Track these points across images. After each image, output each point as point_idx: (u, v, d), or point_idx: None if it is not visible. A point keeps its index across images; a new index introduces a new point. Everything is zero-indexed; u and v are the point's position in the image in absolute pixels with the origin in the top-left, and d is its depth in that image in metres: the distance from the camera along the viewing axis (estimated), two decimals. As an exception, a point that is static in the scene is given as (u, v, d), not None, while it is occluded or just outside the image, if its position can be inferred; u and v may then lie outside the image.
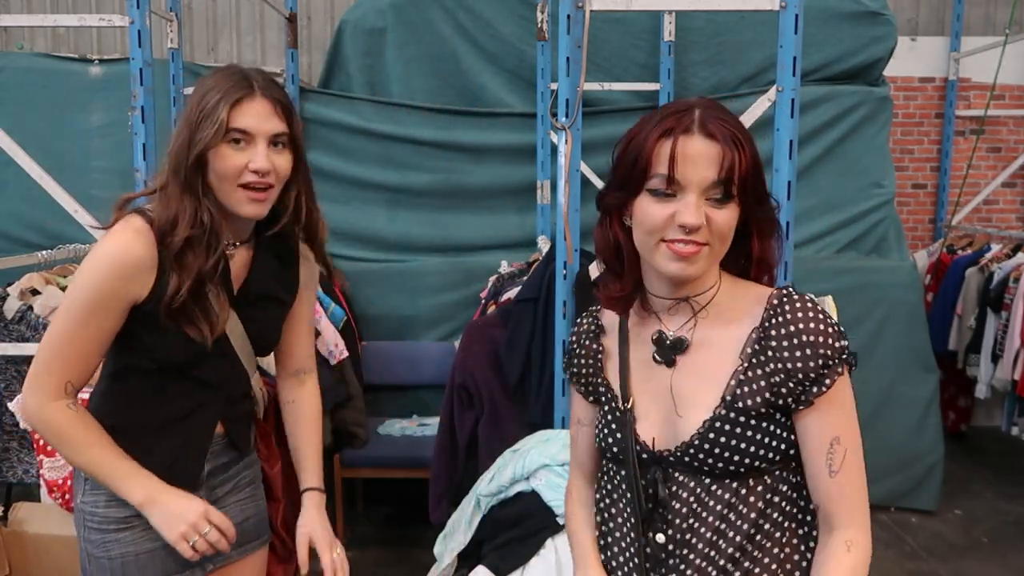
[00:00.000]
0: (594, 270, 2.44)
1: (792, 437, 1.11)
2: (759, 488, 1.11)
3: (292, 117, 1.38)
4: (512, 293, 3.01)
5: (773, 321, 1.10)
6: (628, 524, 1.17)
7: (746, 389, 1.09)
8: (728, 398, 1.10)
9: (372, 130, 4.03)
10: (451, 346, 3.26)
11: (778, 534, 1.12)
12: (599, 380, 1.24)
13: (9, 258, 3.06)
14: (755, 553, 1.11)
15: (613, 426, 1.19)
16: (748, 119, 2.33)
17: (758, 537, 1.11)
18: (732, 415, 1.09)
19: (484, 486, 2.14)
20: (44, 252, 3.10)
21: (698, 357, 1.14)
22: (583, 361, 1.27)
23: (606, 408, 1.21)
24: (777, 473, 1.11)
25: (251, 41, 5.11)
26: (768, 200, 1.14)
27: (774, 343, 1.09)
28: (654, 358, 1.17)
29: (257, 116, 1.33)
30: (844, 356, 1.08)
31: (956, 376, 4.52)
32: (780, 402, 1.08)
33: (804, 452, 1.10)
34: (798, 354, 1.07)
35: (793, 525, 1.13)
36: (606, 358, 1.24)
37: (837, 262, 3.86)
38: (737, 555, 1.10)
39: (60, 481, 2.60)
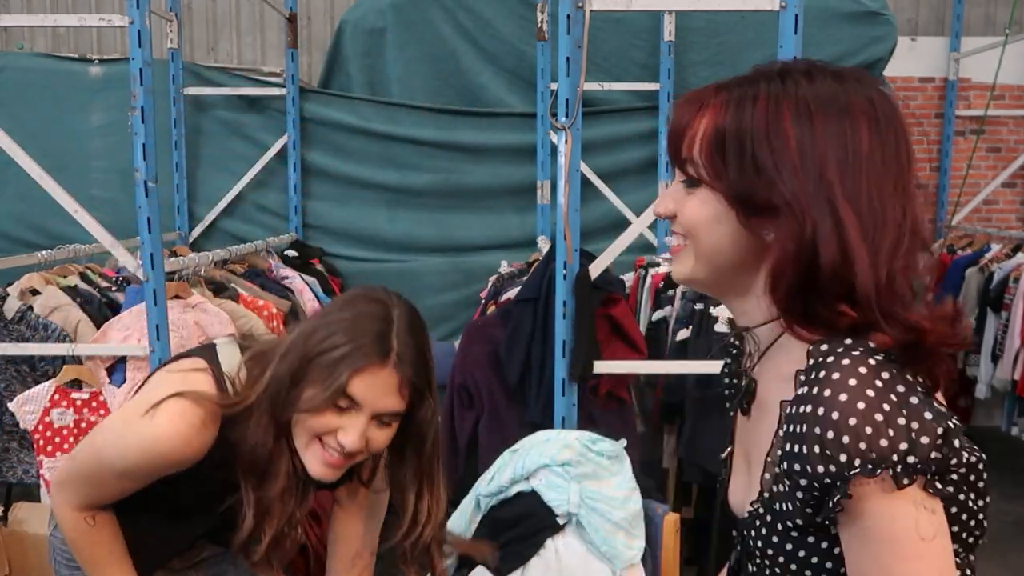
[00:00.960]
0: (594, 270, 2.44)
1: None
2: None
3: (423, 400, 1.17)
4: (512, 293, 3.01)
5: (799, 394, 0.76)
6: None
7: (778, 489, 0.78)
8: (765, 495, 0.81)
9: (372, 130, 4.03)
10: (451, 346, 3.26)
11: None
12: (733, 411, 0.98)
13: (9, 258, 3.06)
14: None
15: (723, 465, 0.98)
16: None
17: None
18: (769, 517, 0.80)
19: (484, 486, 2.14)
20: (44, 252, 3.10)
21: (760, 415, 0.87)
22: (729, 384, 1.02)
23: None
24: None
25: (251, 41, 5.11)
26: (764, 175, 0.79)
27: (792, 429, 0.75)
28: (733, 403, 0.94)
29: (375, 389, 1.11)
30: (876, 463, 0.70)
31: (956, 376, 4.52)
32: (814, 514, 0.75)
33: None
34: (801, 449, 0.73)
35: None
36: (731, 377, 1.01)
37: (837, 262, 3.86)
38: None
39: (60, 481, 2.60)
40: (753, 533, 0.82)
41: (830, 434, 0.70)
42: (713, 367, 2.49)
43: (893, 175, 0.79)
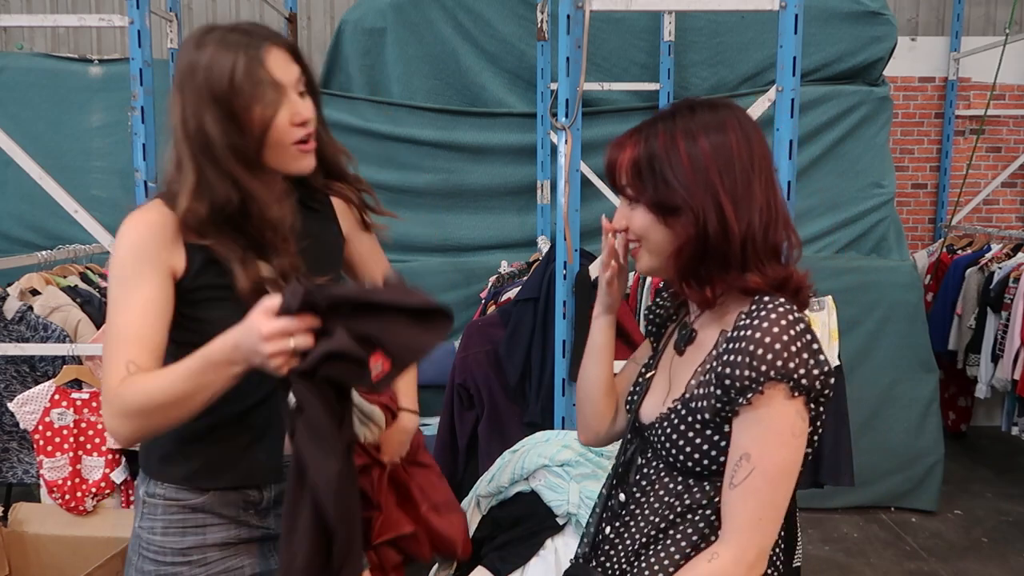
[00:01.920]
0: (594, 270, 2.44)
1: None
2: (695, 491, 1.11)
3: (305, 61, 1.29)
4: (512, 293, 3.01)
5: (739, 325, 1.07)
6: (611, 477, 1.27)
7: (701, 391, 1.10)
8: (687, 395, 1.13)
9: (372, 130, 4.03)
10: (451, 346, 3.26)
11: (694, 537, 1.11)
12: (655, 344, 1.33)
13: (9, 258, 3.06)
14: (668, 545, 1.12)
15: (636, 387, 1.28)
16: (745, 116, 2.32)
17: (675, 534, 1.12)
18: (684, 412, 1.12)
19: (484, 487, 2.14)
20: (44, 252, 3.10)
21: (692, 350, 1.19)
22: (659, 312, 1.35)
23: (642, 370, 1.30)
24: (718, 485, 1.10)
25: (251, 41, 5.11)
26: (669, 186, 1.10)
27: (731, 346, 1.06)
28: (674, 344, 1.24)
29: (281, 67, 1.23)
30: (785, 376, 1.02)
31: (956, 376, 4.52)
32: (722, 409, 1.06)
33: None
34: (735, 359, 1.04)
35: (706, 542, 1.11)
36: (669, 327, 1.31)
37: (837, 262, 3.86)
38: (661, 538, 1.13)
39: (60, 481, 2.61)
40: (665, 425, 1.13)
41: (759, 351, 1.03)
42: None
43: (758, 171, 1.12)
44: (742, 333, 1.05)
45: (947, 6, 5.13)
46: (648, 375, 1.26)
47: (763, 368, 1.02)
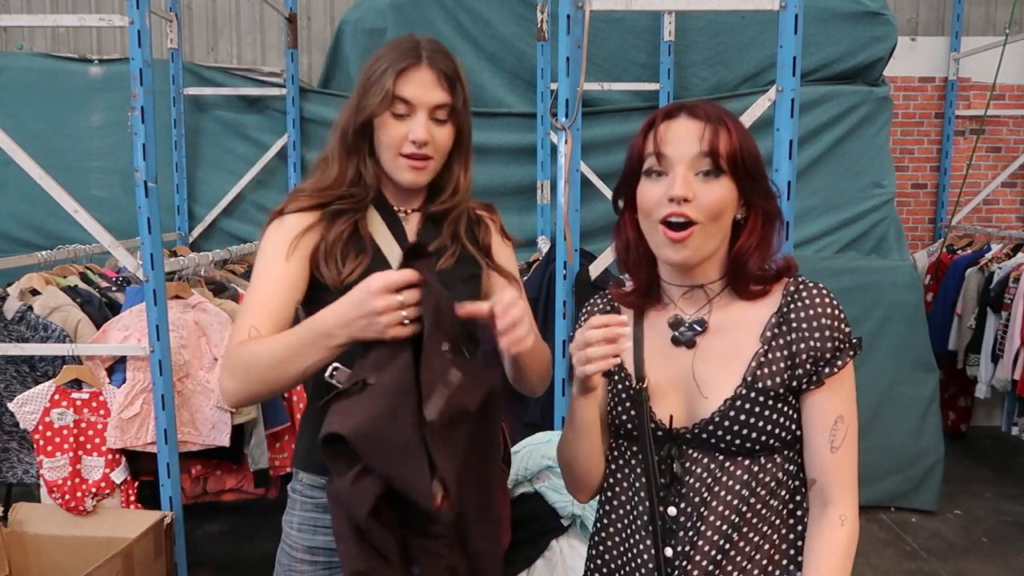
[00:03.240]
0: (594, 270, 2.44)
1: (798, 418, 1.17)
2: (770, 466, 1.16)
3: (455, 89, 1.35)
4: (512, 293, 3.01)
5: (792, 305, 1.16)
6: (638, 497, 1.22)
7: (766, 370, 1.14)
8: (749, 379, 1.14)
9: (372, 130, 4.03)
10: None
11: (780, 508, 1.18)
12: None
13: (9, 258, 3.06)
14: (758, 525, 1.16)
15: (627, 404, 1.23)
16: (748, 119, 2.32)
17: (764, 511, 1.16)
18: (752, 395, 1.13)
19: (484, 486, 2.13)
20: (44, 252, 3.10)
21: (717, 341, 1.18)
22: None
23: (618, 387, 1.25)
24: (786, 453, 1.17)
25: (251, 41, 5.11)
26: (766, 183, 1.18)
27: (794, 325, 1.14)
28: (673, 341, 1.21)
29: (420, 86, 1.32)
30: (853, 341, 1.16)
31: (956, 376, 4.52)
32: (795, 383, 1.14)
33: (808, 429, 1.16)
34: (816, 335, 1.13)
35: (791, 506, 1.19)
36: (642, 334, 1.28)
37: (837, 262, 3.86)
38: (743, 527, 1.16)
39: (60, 481, 2.60)
40: (731, 413, 1.13)
41: (835, 323, 1.14)
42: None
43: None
44: (810, 312, 1.15)
45: (947, 6, 5.13)
46: (640, 385, 1.20)
47: (841, 337, 1.14)
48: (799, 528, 1.18)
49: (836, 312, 1.15)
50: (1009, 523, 3.80)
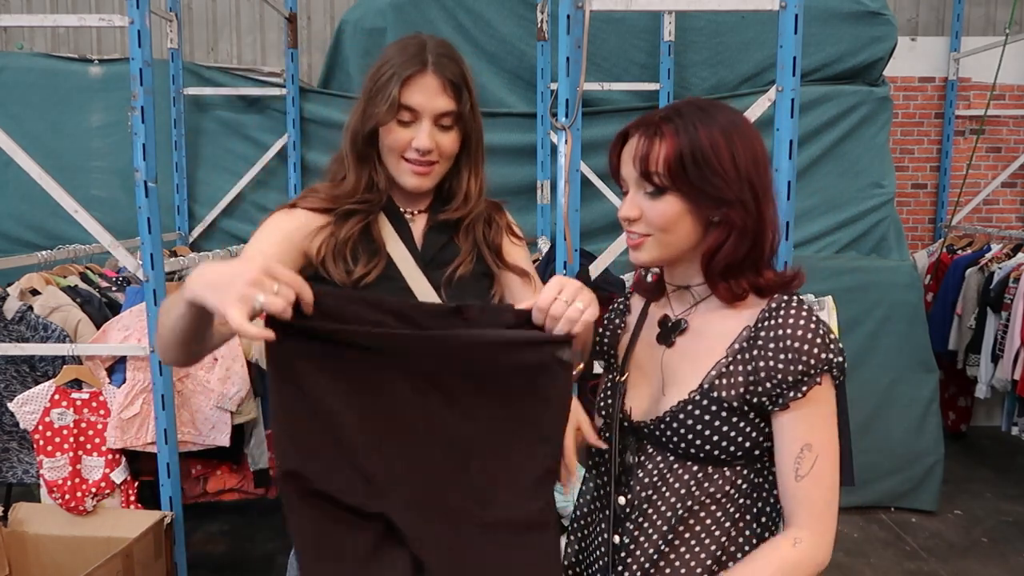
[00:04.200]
0: (594, 270, 2.44)
1: (761, 438, 1.14)
2: (716, 477, 1.15)
3: (461, 95, 1.36)
4: (512, 293, 3.01)
5: (766, 323, 1.13)
6: (603, 486, 1.26)
7: (724, 381, 1.13)
8: (706, 386, 1.14)
9: (372, 130, 4.03)
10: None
11: (724, 521, 1.15)
12: (612, 352, 1.35)
13: (9, 258, 3.06)
14: (699, 532, 1.15)
15: (608, 393, 1.28)
16: (748, 119, 2.32)
17: (707, 520, 1.15)
18: (705, 402, 1.13)
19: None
20: (44, 252, 3.10)
21: (692, 342, 1.20)
22: (606, 334, 1.37)
23: (608, 377, 1.31)
24: (738, 468, 1.15)
25: (251, 41, 5.11)
26: (725, 189, 1.12)
27: (761, 343, 1.12)
28: (656, 337, 1.24)
29: (425, 93, 1.33)
30: (828, 367, 1.10)
31: (956, 376, 4.52)
32: (755, 400, 1.12)
33: (776, 453, 1.13)
34: (780, 356, 1.10)
35: (740, 524, 1.16)
36: (624, 333, 1.33)
37: (837, 262, 3.86)
38: (683, 531, 1.16)
39: (60, 481, 2.61)
40: (681, 416, 1.14)
41: (806, 347, 1.09)
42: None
43: (770, 173, 1.18)
44: (779, 332, 1.11)
45: (947, 6, 5.13)
46: (620, 378, 1.26)
47: (812, 363, 1.09)
48: (747, 548, 1.15)
49: (810, 336, 1.10)
50: (1009, 523, 3.80)
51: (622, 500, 1.21)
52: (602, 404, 1.29)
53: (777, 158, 2.27)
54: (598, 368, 2.47)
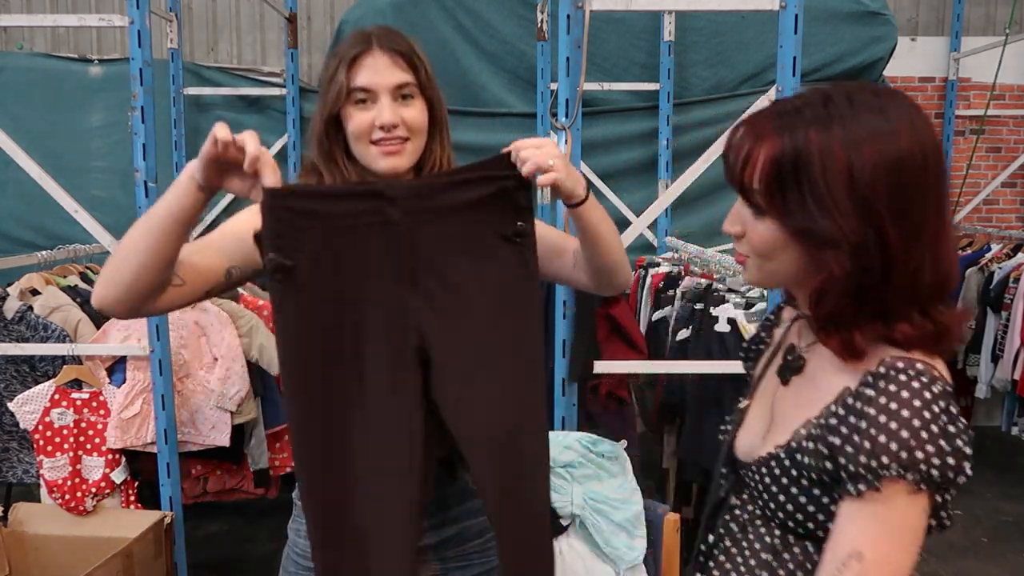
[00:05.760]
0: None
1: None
2: (796, 551, 0.96)
3: (416, 65, 1.30)
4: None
5: (865, 391, 0.87)
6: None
7: (811, 445, 0.92)
8: (793, 444, 0.94)
9: (372, 130, 4.03)
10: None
11: None
12: (752, 367, 1.17)
13: (9, 258, 3.06)
14: None
15: (729, 417, 1.13)
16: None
17: None
18: (787, 463, 0.94)
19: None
20: (44, 252, 3.10)
21: (803, 387, 1.00)
22: (752, 346, 1.20)
23: (741, 398, 1.13)
24: (811, 550, 0.95)
25: (251, 41, 5.11)
26: (823, 219, 0.87)
27: (851, 419, 0.88)
28: (777, 370, 1.05)
29: (375, 71, 1.27)
30: (910, 468, 0.83)
31: (956, 376, 4.50)
32: (831, 480, 0.90)
33: (826, 548, 0.91)
34: (854, 438, 0.86)
35: None
36: (767, 349, 1.14)
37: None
38: None
39: (60, 481, 2.60)
40: (764, 470, 0.97)
41: (881, 437, 0.84)
42: (713, 367, 2.50)
43: (931, 192, 0.90)
44: (864, 408, 0.86)
45: (947, 6, 5.13)
46: (743, 404, 1.09)
47: (883, 459, 0.83)
48: None
49: (907, 422, 0.83)
50: (1009, 523, 3.80)
51: (711, 538, 1.07)
52: (727, 425, 1.12)
53: (777, 158, 2.27)
54: (599, 368, 2.47)
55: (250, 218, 1.23)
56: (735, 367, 2.46)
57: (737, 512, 1.03)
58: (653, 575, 1.96)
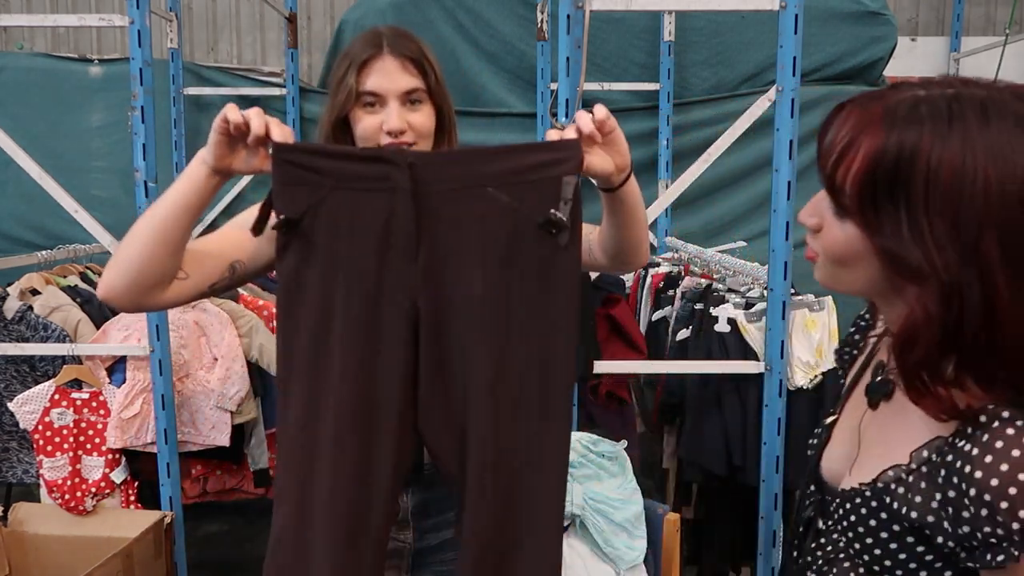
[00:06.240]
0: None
1: (947, 573, 0.82)
2: None
3: (426, 71, 1.31)
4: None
5: (962, 444, 0.76)
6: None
7: (901, 491, 0.81)
8: (879, 486, 0.83)
9: (372, 130, 4.03)
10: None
11: None
12: (843, 373, 1.05)
13: (9, 258, 3.06)
14: None
15: (817, 430, 1.00)
16: (748, 119, 2.33)
17: None
18: (875, 504, 0.84)
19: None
20: (44, 252, 3.10)
21: (892, 415, 0.87)
22: (845, 349, 1.08)
23: (832, 409, 1.01)
24: None
25: (251, 41, 5.11)
26: (914, 232, 0.73)
27: (954, 472, 0.76)
28: (865, 388, 0.93)
29: (385, 75, 1.28)
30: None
31: None
32: (939, 540, 0.79)
33: None
34: (970, 507, 0.74)
35: None
36: (860, 355, 1.01)
37: (837, 262, 3.86)
38: None
39: (60, 481, 2.60)
40: (848, 506, 0.86)
41: (1002, 504, 0.71)
42: (713, 367, 2.50)
43: None
44: (965, 468, 0.74)
45: (947, 6, 5.13)
46: (831, 419, 0.98)
47: (1014, 527, 0.71)
48: None
49: (1016, 484, 0.71)
50: (1009, 523, 3.80)
51: (800, 560, 0.97)
52: (814, 439, 1.01)
53: (777, 158, 2.27)
54: (599, 368, 2.47)
55: (253, 214, 1.23)
56: (735, 367, 2.46)
57: (823, 540, 0.92)
58: (653, 575, 1.96)
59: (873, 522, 0.83)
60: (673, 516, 1.99)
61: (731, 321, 2.55)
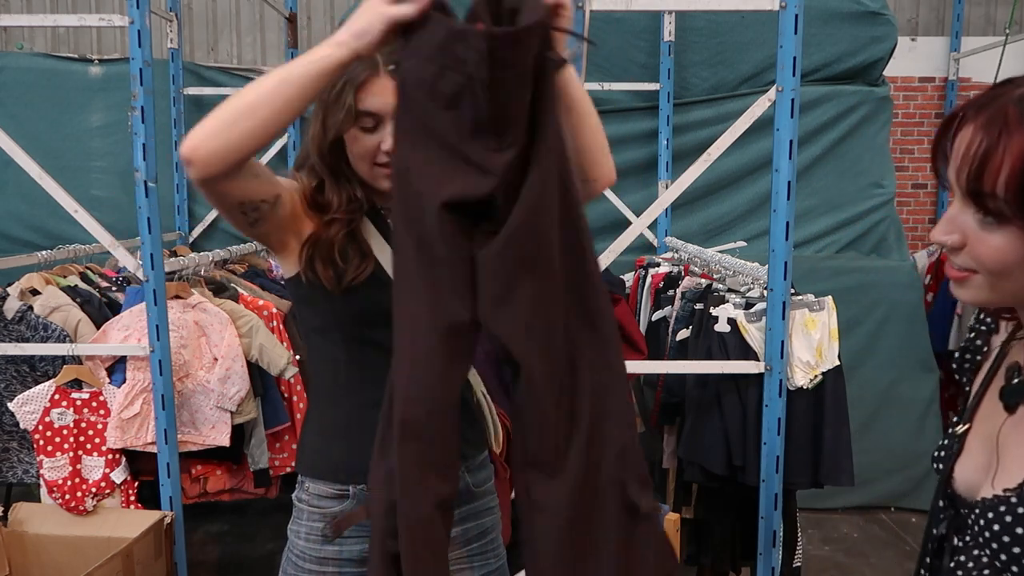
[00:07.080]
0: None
1: None
2: None
3: None
4: (512, 293, 3.01)
5: None
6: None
7: None
8: None
9: (372, 130, 4.03)
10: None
11: None
12: (968, 381, 1.03)
13: (9, 258, 3.06)
14: None
15: (944, 441, 0.97)
16: (748, 119, 2.33)
17: None
18: (1022, 511, 0.82)
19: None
20: (44, 252, 3.10)
21: None
22: (966, 356, 1.06)
23: (955, 419, 0.99)
24: None
25: (251, 41, 5.11)
26: None
27: None
28: (999, 392, 0.91)
29: (383, 96, 1.26)
30: None
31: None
32: None
33: None
34: None
35: None
36: (985, 361, 0.99)
37: (837, 262, 3.86)
38: None
39: (60, 481, 2.60)
40: (991, 516, 0.84)
41: None
42: (713, 367, 2.50)
43: None
44: None
45: (947, 6, 5.13)
46: (961, 429, 0.96)
47: None
48: None
49: None
50: (1009, 523, 3.80)
51: None
52: (937, 453, 0.98)
53: (777, 158, 2.27)
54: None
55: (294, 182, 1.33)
56: (735, 367, 2.46)
57: (962, 558, 0.89)
58: (653, 575, 1.96)
59: (1020, 529, 0.81)
60: (673, 516, 2.00)
61: (731, 321, 2.55)
